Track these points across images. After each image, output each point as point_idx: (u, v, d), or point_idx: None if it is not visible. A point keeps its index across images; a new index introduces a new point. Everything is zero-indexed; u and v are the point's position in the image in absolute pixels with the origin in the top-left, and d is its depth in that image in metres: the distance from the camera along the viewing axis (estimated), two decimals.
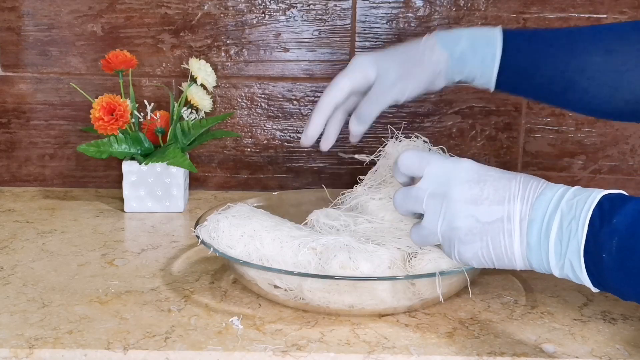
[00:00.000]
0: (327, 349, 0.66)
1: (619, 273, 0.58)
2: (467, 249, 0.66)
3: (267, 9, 1.15)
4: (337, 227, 0.81)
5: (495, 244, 0.64)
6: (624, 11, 1.13)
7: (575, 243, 0.59)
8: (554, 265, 0.62)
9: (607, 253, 0.58)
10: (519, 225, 0.63)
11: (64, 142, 1.19)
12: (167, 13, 1.15)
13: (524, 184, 0.64)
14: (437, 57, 0.82)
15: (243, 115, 1.18)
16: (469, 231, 0.65)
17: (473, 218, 0.65)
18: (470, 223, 0.65)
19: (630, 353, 0.66)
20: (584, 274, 0.60)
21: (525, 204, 0.63)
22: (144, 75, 1.16)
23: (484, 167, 0.67)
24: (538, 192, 0.63)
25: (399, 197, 0.70)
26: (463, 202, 0.65)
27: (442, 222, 0.67)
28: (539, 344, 0.68)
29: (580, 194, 0.61)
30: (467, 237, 0.65)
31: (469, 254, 0.66)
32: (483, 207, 0.65)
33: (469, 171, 0.67)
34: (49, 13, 1.15)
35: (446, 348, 0.66)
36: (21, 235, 0.96)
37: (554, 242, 0.61)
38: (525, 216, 0.63)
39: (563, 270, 0.62)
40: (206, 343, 0.66)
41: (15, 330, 0.68)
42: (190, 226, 1.01)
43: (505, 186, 0.65)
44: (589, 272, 0.60)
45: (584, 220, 0.59)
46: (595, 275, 0.60)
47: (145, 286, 0.80)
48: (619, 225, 0.58)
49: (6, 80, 1.17)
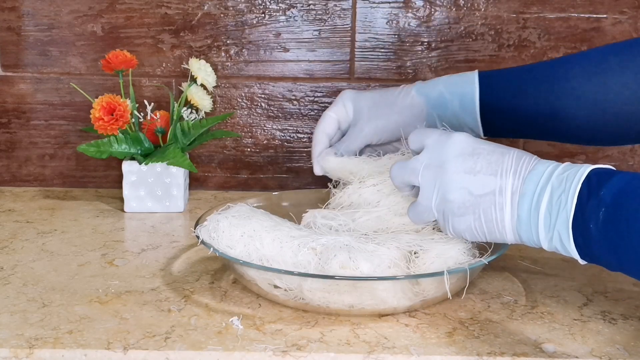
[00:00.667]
0: (327, 349, 0.66)
1: (605, 243, 0.59)
2: (460, 221, 0.68)
3: (267, 9, 1.15)
4: (335, 226, 0.81)
5: (487, 217, 0.66)
6: (624, 11, 1.14)
7: (564, 215, 0.61)
8: (543, 238, 0.64)
9: (593, 224, 0.59)
10: (510, 199, 0.65)
11: (64, 142, 1.19)
12: (167, 13, 1.15)
13: (517, 159, 0.66)
14: (411, 101, 0.85)
15: (243, 115, 1.18)
16: (462, 204, 0.67)
17: (466, 190, 0.66)
18: (463, 195, 0.67)
19: (630, 353, 0.66)
20: (572, 245, 0.62)
21: (517, 178, 0.65)
22: (144, 75, 1.16)
23: (478, 140, 0.69)
24: (530, 167, 0.65)
25: (396, 168, 0.73)
26: (457, 174, 0.67)
27: (437, 195, 0.69)
28: (539, 344, 0.68)
29: (570, 169, 0.63)
30: (460, 209, 0.67)
31: (462, 226, 0.68)
32: (476, 179, 0.66)
33: (464, 144, 0.68)
34: (49, 13, 1.15)
35: (446, 348, 0.66)
36: (21, 235, 0.96)
37: (544, 215, 0.63)
38: (517, 190, 0.64)
39: (552, 242, 0.63)
40: (206, 343, 0.66)
41: (15, 330, 0.68)
42: (190, 226, 1.01)
43: (499, 160, 0.66)
44: (577, 244, 0.62)
45: (573, 193, 0.61)
46: (583, 247, 0.61)
47: (145, 286, 0.80)
48: (605, 197, 0.59)
49: (6, 80, 1.17)
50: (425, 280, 0.72)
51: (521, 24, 1.15)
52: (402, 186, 0.74)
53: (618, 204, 0.59)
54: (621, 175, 0.61)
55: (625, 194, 0.59)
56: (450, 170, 0.67)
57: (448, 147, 0.69)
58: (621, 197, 0.59)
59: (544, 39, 1.15)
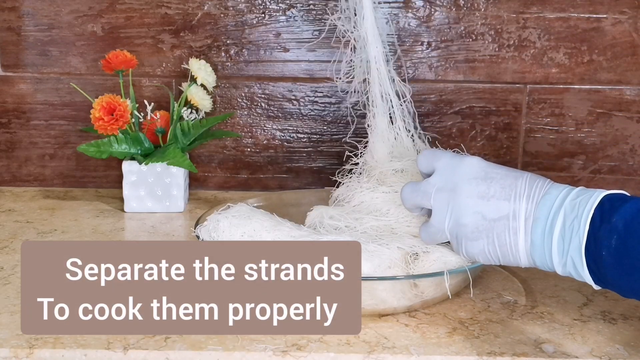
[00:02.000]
0: (327, 349, 0.66)
1: (618, 270, 0.59)
2: (474, 245, 0.67)
3: (267, 9, 1.15)
4: (342, 227, 0.80)
5: (501, 241, 0.66)
6: (624, 11, 1.14)
7: (577, 241, 0.61)
8: (557, 263, 0.63)
9: (606, 250, 0.59)
10: (524, 224, 0.64)
11: (64, 142, 1.19)
12: (167, 13, 1.15)
13: (530, 183, 0.66)
14: None
15: (243, 115, 1.18)
16: (475, 228, 0.67)
17: (480, 215, 0.66)
18: (477, 220, 0.67)
19: (630, 353, 0.66)
20: (585, 271, 0.61)
21: (531, 203, 0.64)
22: (144, 75, 1.16)
23: (491, 164, 0.69)
24: (543, 192, 0.65)
25: (407, 191, 0.72)
26: (470, 199, 0.67)
27: (450, 219, 0.68)
28: (538, 344, 0.68)
29: (583, 194, 0.63)
30: (473, 234, 0.67)
31: (475, 250, 0.68)
32: (490, 204, 0.66)
33: (477, 168, 0.68)
34: (49, 13, 1.15)
35: (446, 348, 0.66)
36: (21, 235, 0.96)
37: (557, 240, 0.62)
38: (531, 214, 0.64)
39: (566, 267, 0.63)
40: (206, 343, 0.66)
41: (15, 330, 0.68)
42: (190, 226, 1.01)
43: (512, 184, 0.66)
44: (590, 269, 0.61)
45: (585, 219, 0.61)
46: (596, 272, 0.61)
47: None
48: (618, 224, 0.59)
49: (6, 80, 1.17)
50: (425, 281, 0.72)
51: (521, 24, 1.15)
52: (413, 208, 0.73)
53: (630, 231, 0.59)
54: (634, 201, 0.61)
55: (637, 221, 0.59)
56: (463, 194, 0.67)
57: (461, 170, 0.68)
58: (633, 223, 0.59)
59: (544, 38, 1.15)
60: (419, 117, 1.17)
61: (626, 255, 0.59)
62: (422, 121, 1.17)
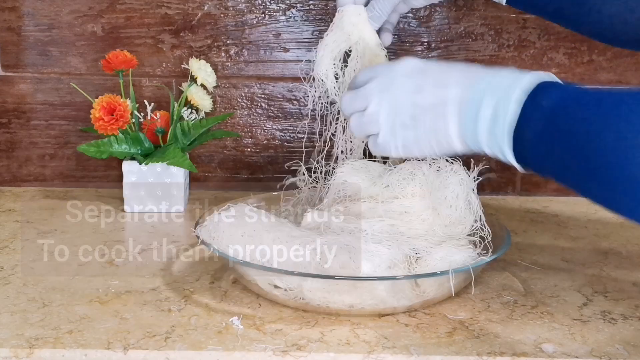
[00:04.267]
0: (327, 349, 0.66)
1: (542, 150, 0.61)
2: (409, 135, 0.69)
3: (267, 9, 1.15)
4: (342, 227, 0.80)
5: (434, 128, 0.68)
6: None
7: (505, 123, 0.62)
8: (485, 144, 0.65)
9: (533, 132, 0.61)
10: (454, 108, 0.66)
11: (64, 142, 1.19)
12: (167, 13, 1.15)
13: (463, 71, 0.68)
14: None
15: (243, 115, 1.18)
16: (410, 117, 0.69)
17: (414, 104, 0.68)
18: (412, 109, 0.69)
19: (630, 353, 0.66)
20: (510, 152, 0.63)
21: (462, 88, 0.66)
22: (144, 75, 1.16)
23: (428, 61, 0.71)
24: (475, 76, 0.66)
25: (347, 98, 0.74)
26: (405, 90, 0.69)
27: (385, 110, 0.70)
28: (538, 344, 0.68)
29: (513, 77, 0.64)
30: (410, 121, 0.69)
31: (411, 139, 0.69)
32: (423, 93, 0.68)
33: (413, 65, 0.71)
34: (49, 13, 1.15)
35: (446, 348, 0.67)
36: (21, 235, 0.96)
37: (487, 122, 0.64)
38: (462, 99, 0.66)
39: (493, 149, 0.65)
40: (206, 343, 0.66)
41: (15, 330, 0.68)
42: (190, 226, 1.01)
43: (444, 73, 0.68)
44: (516, 151, 0.63)
45: (514, 100, 0.62)
46: (521, 153, 0.63)
47: (145, 286, 0.80)
48: (547, 106, 0.60)
49: (6, 80, 1.17)
50: (426, 281, 0.72)
51: (521, 24, 1.15)
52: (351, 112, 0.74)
53: (556, 115, 0.60)
54: (563, 87, 0.62)
55: (564, 106, 0.60)
56: (398, 87, 0.70)
57: (397, 68, 0.71)
58: (560, 108, 0.60)
59: (543, 38, 1.15)
60: None
61: (552, 138, 0.60)
62: None
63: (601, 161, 0.57)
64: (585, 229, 1.03)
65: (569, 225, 1.04)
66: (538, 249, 0.93)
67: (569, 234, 1.00)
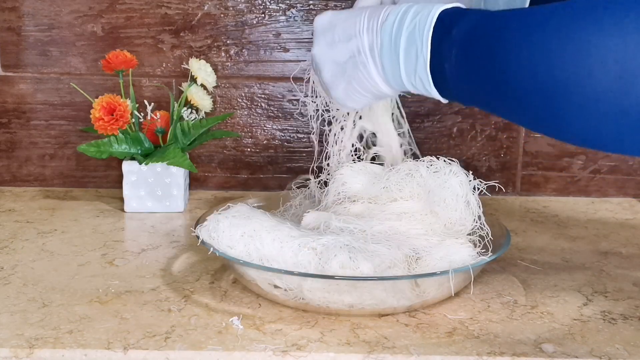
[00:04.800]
0: (327, 349, 0.66)
1: (459, 80, 0.62)
2: (338, 91, 0.71)
3: (267, 9, 1.15)
4: (351, 229, 0.80)
5: (357, 78, 0.69)
6: None
7: (422, 59, 0.63)
8: (407, 83, 0.66)
9: (448, 62, 0.61)
10: (370, 55, 0.67)
11: (64, 142, 1.19)
12: (167, 13, 1.15)
13: (369, 17, 0.68)
14: None
15: (243, 115, 1.18)
16: (332, 75, 0.70)
17: (332, 62, 0.70)
18: (332, 67, 0.70)
19: (630, 353, 0.66)
20: (432, 87, 0.64)
21: (372, 34, 0.67)
22: (144, 76, 1.16)
23: (337, 12, 0.72)
24: (382, 20, 0.67)
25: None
26: (321, 50, 0.71)
27: (317, 74, 0.73)
28: (538, 344, 0.68)
29: (420, 12, 0.64)
30: (334, 80, 0.71)
31: (341, 95, 0.71)
32: (337, 49, 0.69)
33: (324, 22, 0.72)
34: (49, 13, 1.15)
35: (446, 348, 0.67)
36: (21, 235, 0.96)
37: (403, 61, 0.65)
38: (374, 45, 0.66)
39: (416, 86, 0.66)
40: (206, 343, 0.66)
41: (15, 330, 0.68)
42: (190, 226, 1.01)
43: (352, 24, 0.69)
44: (436, 84, 0.64)
45: (426, 36, 0.63)
46: (441, 85, 0.64)
47: (145, 286, 0.80)
48: (457, 36, 0.61)
49: (6, 81, 1.17)
50: (426, 281, 0.72)
51: None
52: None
53: (468, 41, 0.60)
54: (471, 12, 0.62)
55: (474, 32, 0.61)
56: (316, 49, 0.71)
57: (316, 30, 0.73)
58: (470, 34, 0.61)
59: None
60: (420, 117, 1.17)
61: (465, 65, 0.60)
62: (423, 121, 1.17)
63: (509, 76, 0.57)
64: (585, 229, 1.03)
65: (569, 225, 1.04)
66: (538, 249, 0.93)
67: (569, 234, 1.00)
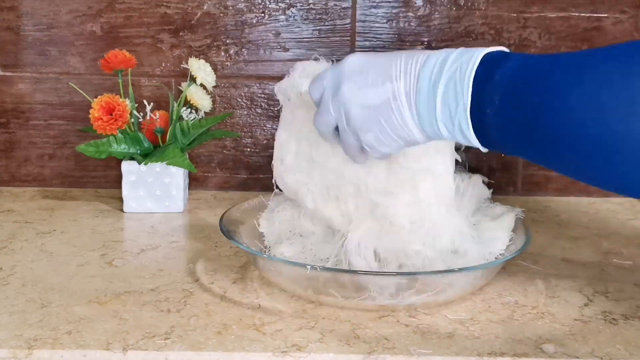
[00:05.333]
0: (327, 349, 0.66)
1: (502, 127, 0.59)
2: (368, 136, 0.68)
3: (267, 9, 1.14)
4: None
5: (390, 123, 0.66)
6: (624, 10, 1.13)
7: (462, 103, 0.61)
8: (444, 129, 0.63)
9: (490, 108, 0.59)
10: (406, 100, 0.65)
11: (63, 142, 1.18)
12: (166, 13, 1.14)
13: (406, 60, 0.66)
14: None
15: (243, 115, 1.17)
16: (363, 119, 0.68)
17: (364, 105, 0.67)
18: (363, 111, 0.67)
19: (632, 353, 0.66)
20: (471, 132, 0.62)
21: (410, 78, 0.65)
22: (143, 75, 1.16)
23: (369, 54, 0.69)
24: (421, 63, 0.64)
25: (316, 121, 0.72)
26: (352, 92, 0.68)
27: (344, 119, 0.69)
28: (539, 344, 0.67)
29: (463, 56, 0.62)
30: (365, 124, 0.68)
31: (372, 140, 0.68)
32: (370, 92, 0.67)
33: (354, 63, 0.69)
34: (47, 13, 1.14)
35: (446, 348, 0.66)
36: (20, 235, 0.96)
37: (441, 106, 0.62)
38: (411, 89, 0.64)
39: (453, 133, 0.63)
40: (206, 343, 0.66)
41: (14, 331, 0.68)
42: (190, 226, 1.01)
43: (388, 67, 0.66)
44: (476, 130, 0.61)
45: (468, 79, 0.60)
46: (482, 132, 0.61)
47: (144, 286, 0.79)
48: (501, 81, 0.59)
49: (5, 80, 1.16)
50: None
51: (522, 23, 1.14)
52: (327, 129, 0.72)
53: (513, 87, 0.58)
54: (515, 57, 0.60)
55: (519, 77, 0.59)
56: (345, 90, 0.68)
57: (342, 70, 0.69)
58: (516, 79, 0.59)
59: (544, 38, 1.14)
60: None
61: (510, 113, 0.58)
62: None
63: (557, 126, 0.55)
64: (586, 228, 1.02)
65: (570, 225, 1.04)
66: (538, 249, 0.93)
67: (570, 234, 1.00)
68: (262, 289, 0.79)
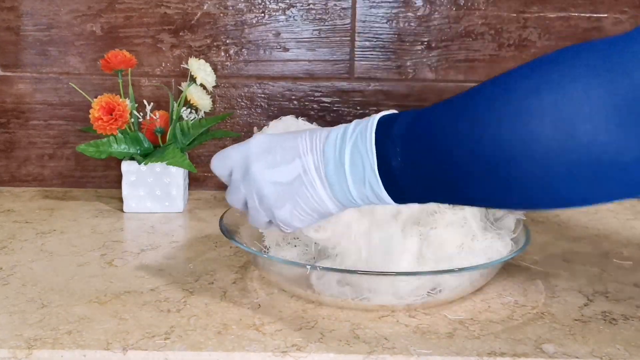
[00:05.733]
0: (327, 349, 0.66)
1: (410, 175, 0.61)
2: (283, 212, 0.69)
3: (267, 9, 1.14)
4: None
5: (303, 198, 0.68)
6: (624, 10, 1.13)
7: (369, 164, 0.63)
8: (356, 195, 0.65)
9: (394, 160, 0.61)
10: (316, 173, 0.66)
11: (63, 142, 1.18)
12: (166, 13, 1.14)
13: (310, 137, 0.68)
14: None
15: (243, 115, 1.18)
16: (277, 196, 0.68)
17: (276, 183, 0.68)
18: (275, 188, 0.68)
19: (631, 353, 0.66)
20: (382, 190, 0.63)
21: (316, 153, 0.66)
22: (143, 75, 1.16)
23: (274, 135, 0.71)
24: (324, 138, 0.67)
25: (228, 197, 0.74)
26: (261, 173, 0.69)
27: (256, 198, 0.70)
28: (539, 344, 0.67)
29: (360, 124, 0.65)
30: (277, 202, 0.69)
31: (286, 215, 0.69)
32: (280, 170, 0.68)
33: (260, 144, 0.70)
34: (48, 13, 1.14)
35: (446, 348, 0.66)
36: (20, 235, 0.96)
37: (350, 173, 0.64)
38: (319, 162, 0.66)
39: (365, 195, 0.65)
40: (206, 343, 0.66)
41: (14, 331, 0.68)
42: (190, 226, 1.01)
43: (293, 145, 0.68)
44: (387, 186, 0.63)
45: (369, 141, 0.63)
46: (393, 187, 0.63)
47: (144, 286, 0.79)
48: (398, 132, 0.62)
49: (5, 80, 1.16)
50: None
51: (521, 23, 1.14)
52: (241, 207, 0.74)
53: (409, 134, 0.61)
54: (409, 111, 0.63)
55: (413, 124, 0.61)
56: (255, 171, 0.69)
57: (248, 152, 0.70)
58: (411, 126, 0.61)
59: (544, 38, 1.14)
60: None
61: (411, 156, 0.60)
62: None
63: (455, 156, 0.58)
64: (586, 229, 1.02)
65: (569, 225, 1.04)
66: (538, 249, 0.93)
67: (570, 234, 1.00)
68: (262, 289, 0.79)
